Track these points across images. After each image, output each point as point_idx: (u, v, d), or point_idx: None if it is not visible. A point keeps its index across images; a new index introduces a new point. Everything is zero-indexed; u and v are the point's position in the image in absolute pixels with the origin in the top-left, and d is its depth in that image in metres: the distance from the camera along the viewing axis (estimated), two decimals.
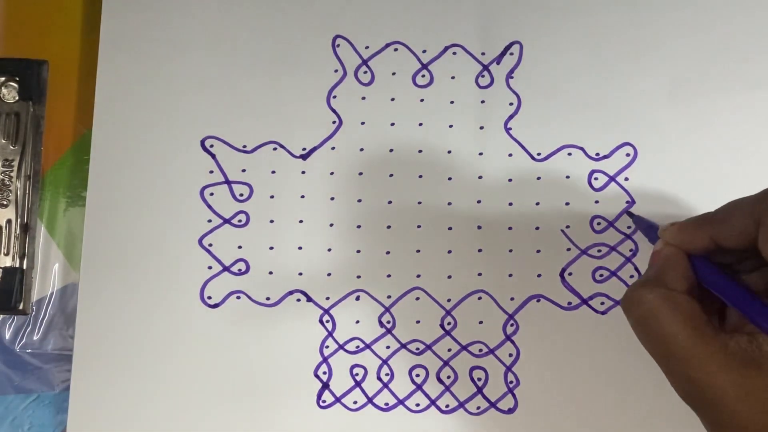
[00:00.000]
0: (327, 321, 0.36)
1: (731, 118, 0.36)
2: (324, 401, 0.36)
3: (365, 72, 0.37)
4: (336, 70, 0.37)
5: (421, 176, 0.37)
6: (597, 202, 0.36)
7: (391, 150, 0.37)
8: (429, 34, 0.37)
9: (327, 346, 0.36)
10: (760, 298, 0.25)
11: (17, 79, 0.38)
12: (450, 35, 0.37)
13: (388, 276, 0.36)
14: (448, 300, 0.36)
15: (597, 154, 0.36)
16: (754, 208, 0.26)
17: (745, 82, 0.36)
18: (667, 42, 0.37)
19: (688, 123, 0.36)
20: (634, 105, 0.36)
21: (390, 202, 0.37)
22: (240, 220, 0.37)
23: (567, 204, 0.36)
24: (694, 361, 0.24)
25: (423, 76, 0.37)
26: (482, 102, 0.37)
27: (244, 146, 0.37)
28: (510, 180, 0.36)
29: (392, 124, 0.37)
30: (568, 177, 0.36)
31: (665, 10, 0.37)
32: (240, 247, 0.36)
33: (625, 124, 0.36)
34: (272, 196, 0.37)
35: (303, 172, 0.37)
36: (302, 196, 0.37)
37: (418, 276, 0.36)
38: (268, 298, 0.36)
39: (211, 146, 0.37)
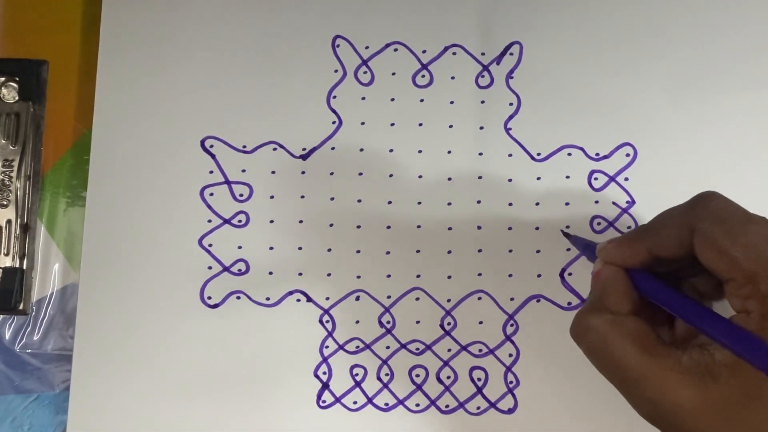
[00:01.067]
0: (327, 321, 0.36)
1: (731, 118, 0.36)
2: (324, 401, 0.36)
3: (365, 72, 0.37)
4: (336, 71, 0.37)
5: (421, 176, 0.37)
6: (597, 202, 0.36)
7: (391, 150, 0.37)
8: (429, 35, 0.37)
9: (327, 346, 0.36)
10: (705, 304, 0.25)
11: (17, 79, 0.38)
12: (450, 35, 0.37)
13: (388, 276, 0.36)
14: (448, 300, 0.36)
15: (597, 154, 0.36)
16: (686, 216, 0.26)
17: (745, 82, 0.36)
18: (667, 42, 0.37)
19: (688, 123, 0.36)
20: (634, 105, 0.36)
21: (390, 202, 0.37)
22: (240, 221, 0.37)
23: (567, 204, 0.36)
24: (650, 383, 0.24)
25: (423, 76, 0.37)
26: (482, 102, 0.37)
27: (244, 146, 0.37)
28: (510, 180, 0.36)
29: (392, 124, 0.37)
30: (568, 177, 0.36)
31: (665, 11, 0.37)
32: (240, 247, 0.36)
33: (625, 124, 0.36)
34: (272, 196, 0.37)
35: (303, 172, 0.37)
36: (302, 196, 0.37)
37: (418, 276, 0.36)
38: (268, 298, 0.36)
39: (211, 146, 0.37)
